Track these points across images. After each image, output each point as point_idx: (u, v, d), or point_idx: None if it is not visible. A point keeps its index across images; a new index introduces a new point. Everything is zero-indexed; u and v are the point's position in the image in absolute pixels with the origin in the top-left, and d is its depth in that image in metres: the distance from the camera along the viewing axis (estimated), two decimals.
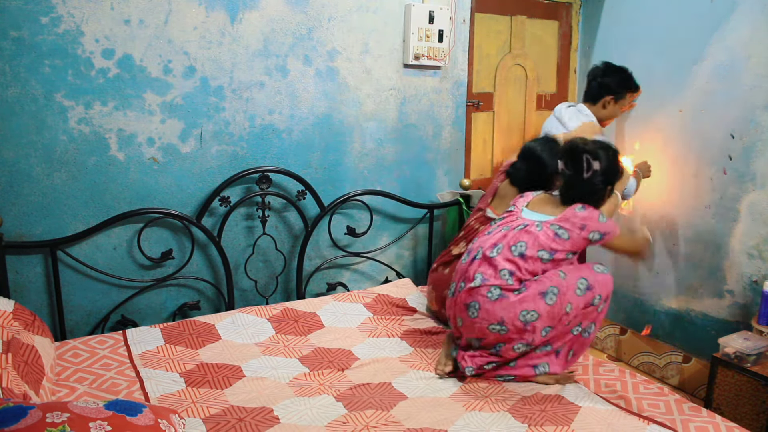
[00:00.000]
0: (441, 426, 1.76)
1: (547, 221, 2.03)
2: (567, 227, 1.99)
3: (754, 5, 2.63)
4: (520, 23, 3.33)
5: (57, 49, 2.17)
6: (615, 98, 2.77)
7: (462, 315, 2.04)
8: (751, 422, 2.37)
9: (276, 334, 2.38)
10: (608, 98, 2.77)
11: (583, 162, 2.01)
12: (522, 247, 1.99)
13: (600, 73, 2.77)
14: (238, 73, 2.52)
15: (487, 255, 2.02)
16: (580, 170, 2.02)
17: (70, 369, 1.98)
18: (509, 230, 2.06)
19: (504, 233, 2.06)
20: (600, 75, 2.77)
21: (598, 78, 2.78)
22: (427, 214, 3.06)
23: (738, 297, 2.78)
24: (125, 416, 1.44)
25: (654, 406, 1.90)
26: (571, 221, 1.99)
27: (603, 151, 2.03)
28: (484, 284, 1.98)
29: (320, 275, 2.90)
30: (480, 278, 2.00)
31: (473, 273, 2.03)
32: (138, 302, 2.47)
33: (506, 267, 1.98)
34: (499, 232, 2.07)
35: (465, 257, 2.14)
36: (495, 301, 1.95)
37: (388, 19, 2.83)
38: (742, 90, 2.70)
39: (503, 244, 2.01)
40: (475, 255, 2.07)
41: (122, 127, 2.32)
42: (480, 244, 2.09)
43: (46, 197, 2.23)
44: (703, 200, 2.90)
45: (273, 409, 1.83)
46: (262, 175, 2.59)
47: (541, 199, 2.17)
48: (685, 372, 3.02)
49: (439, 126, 3.09)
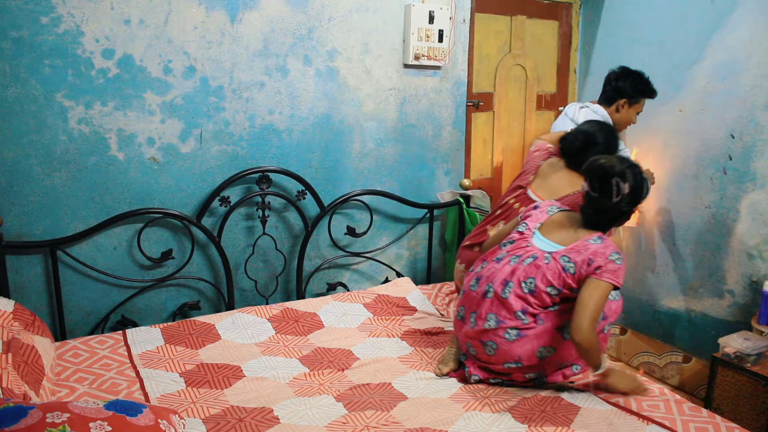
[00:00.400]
0: (441, 426, 1.76)
1: (557, 252, 1.91)
2: (576, 261, 1.86)
3: (754, 5, 2.63)
4: (520, 23, 3.33)
5: (57, 49, 2.17)
6: (629, 102, 2.68)
7: (476, 347, 1.99)
8: (751, 422, 2.37)
9: (276, 334, 2.38)
10: (622, 101, 2.68)
11: (613, 186, 1.86)
12: (531, 284, 1.90)
13: (615, 76, 2.71)
14: (238, 73, 2.52)
15: (499, 295, 1.93)
16: (608, 194, 1.87)
17: (70, 369, 1.98)
18: (518, 263, 1.94)
19: (513, 267, 1.94)
20: (615, 78, 2.70)
21: (613, 81, 2.71)
22: (427, 214, 3.06)
23: (738, 297, 2.78)
24: (125, 416, 1.44)
25: (654, 406, 1.90)
26: (582, 255, 1.86)
27: (630, 171, 1.88)
28: (501, 326, 1.91)
29: (320, 275, 2.90)
30: (494, 320, 1.92)
31: (485, 312, 1.94)
32: (138, 302, 2.47)
33: (520, 307, 1.90)
34: (508, 265, 1.96)
35: (474, 283, 2.02)
36: (513, 342, 1.91)
37: (388, 19, 2.83)
38: (742, 90, 2.70)
39: (513, 282, 1.92)
40: (485, 290, 1.97)
41: (122, 127, 2.32)
42: (490, 277, 1.98)
43: (46, 197, 2.23)
44: (703, 200, 2.90)
45: (273, 410, 1.83)
46: (262, 175, 2.59)
47: (556, 220, 2.02)
48: (685, 372, 3.02)
49: (439, 126, 3.09)
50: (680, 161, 2.98)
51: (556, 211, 2.06)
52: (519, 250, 1.99)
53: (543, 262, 1.91)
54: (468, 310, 2.02)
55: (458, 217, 3.03)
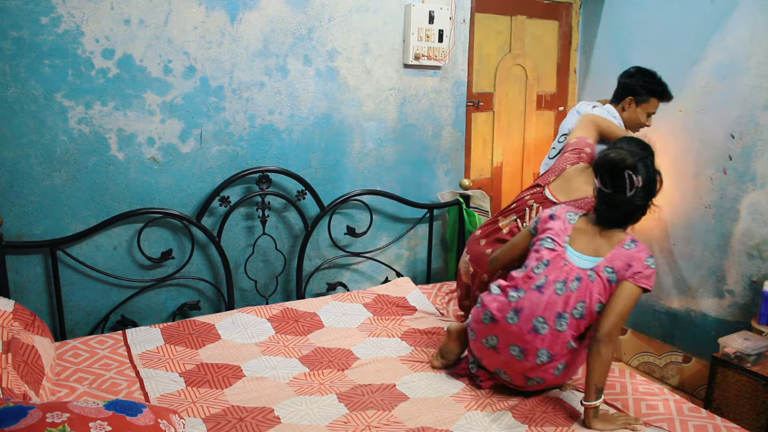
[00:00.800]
0: (442, 426, 1.76)
1: (598, 266, 1.83)
2: (617, 269, 1.81)
3: (754, 5, 2.63)
4: (520, 23, 3.33)
5: (57, 49, 2.17)
6: (636, 100, 2.60)
7: (514, 378, 1.91)
8: (751, 422, 2.37)
9: (276, 334, 2.38)
10: (628, 99, 2.61)
11: (626, 179, 1.79)
12: (582, 308, 1.81)
13: (626, 74, 2.66)
14: (238, 73, 2.52)
15: (554, 330, 1.81)
16: (621, 189, 1.80)
17: (70, 369, 1.98)
18: (566, 290, 1.82)
19: (564, 297, 1.82)
20: (625, 76, 2.66)
21: (622, 78, 2.67)
22: (427, 214, 3.06)
23: (738, 297, 2.78)
24: (125, 416, 1.44)
25: (653, 407, 1.90)
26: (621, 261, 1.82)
27: (642, 163, 1.81)
28: (553, 360, 1.84)
29: (320, 275, 2.90)
30: (547, 355, 1.83)
31: (536, 348, 1.82)
32: (138, 302, 2.47)
33: (571, 336, 1.82)
34: (556, 294, 1.82)
35: (512, 316, 1.85)
36: (559, 376, 1.88)
37: (388, 19, 2.83)
38: (742, 90, 2.70)
39: (568, 314, 1.81)
40: (534, 326, 1.82)
41: (122, 127, 2.32)
42: (535, 310, 1.82)
43: (46, 197, 2.23)
44: (703, 200, 2.90)
45: (273, 409, 1.83)
46: (262, 175, 2.59)
47: (581, 228, 1.92)
48: (685, 372, 3.02)
49: (439, 126, 3.09)
50: (680, 161, 2.98)
51: (575, 218, 1.95)
52: (560, 273, 1.85)
53: (589, 281, 1.82)
54: (504, 342, 1.87)
55: (458, 217, 3.03)
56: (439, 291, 2.85)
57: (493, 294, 1.94)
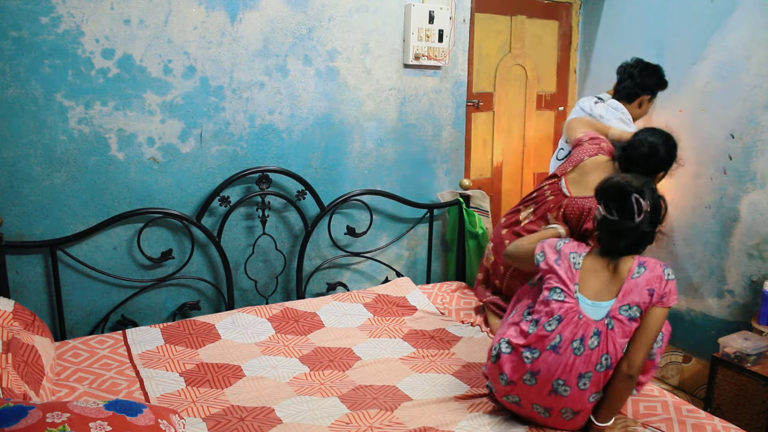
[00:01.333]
0: (444, 427, 1.76)
1: (613, 310, 1.71)
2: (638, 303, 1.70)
3: (754, 5, 2.63)
4: (520, 23, 3.33)
5: (57, 49, 2.17)
6: (651, 98, 2.71)
7: (542, 421, 1.81)
8: (751, 422, 2.37)
9: (276, 333, 2.38)
10: (645, 97, 2.70)
11: (633, 203, 1.71)
12: (607, 361, 1.69)
13: (637, 71, 2.68)
14: (238, 73, 2.52)
15: (578, 389, 1.70)
16: (629, 214, 1.71)
17: (70, 369, 1.98)
18: (585, 350, 1.69)
19: (584, 358, 1.69)
20: (637, 74, 2.67)
21: (636, 77, 2.68)
22: (427, 214, 3.06)
23: (738, 297, 2.78)
24: (125, 416, 1.44)
25: (651, 408, 1.90)
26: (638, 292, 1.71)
27: (647, 187, 1.74)
28: (581, 414, 1.76)
29: (320, 275, 2.90)
30: (572, 412, 1.74)
31: (560, 407, 1.73)
32: (138, 302, 2.47)
33: (596, 387, 1.71)
34: (574, 356, 1.69)
35: (529, 378, 1.74)
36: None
37: (388, 19, 2.83)
38: (742, 90, 2.70)
39: (591, 372, 1.69)
40: (554, 388, 1.71)
41: (122, 127, 2.33)
42: (552, 373, 1.71)
43: (46, 197, 2.23)
44: (703, 200, 2.90)
45: (274, 409, 1.83)
46: (262, 175, 2.59)
47: (588, 268, 1.78)
48: (685, 372, 3.02)
49: (439, 126, 3.09)
50: None
51: (580, 260, 1.80)
52: (576, 330, 1.71)
53: (608, 330, 1.70)
54: (527, 401, 1.78)
55: (458, 217, 3.03)
56: (440, 291, 2.85)
57: (505, 353, 1.79)
